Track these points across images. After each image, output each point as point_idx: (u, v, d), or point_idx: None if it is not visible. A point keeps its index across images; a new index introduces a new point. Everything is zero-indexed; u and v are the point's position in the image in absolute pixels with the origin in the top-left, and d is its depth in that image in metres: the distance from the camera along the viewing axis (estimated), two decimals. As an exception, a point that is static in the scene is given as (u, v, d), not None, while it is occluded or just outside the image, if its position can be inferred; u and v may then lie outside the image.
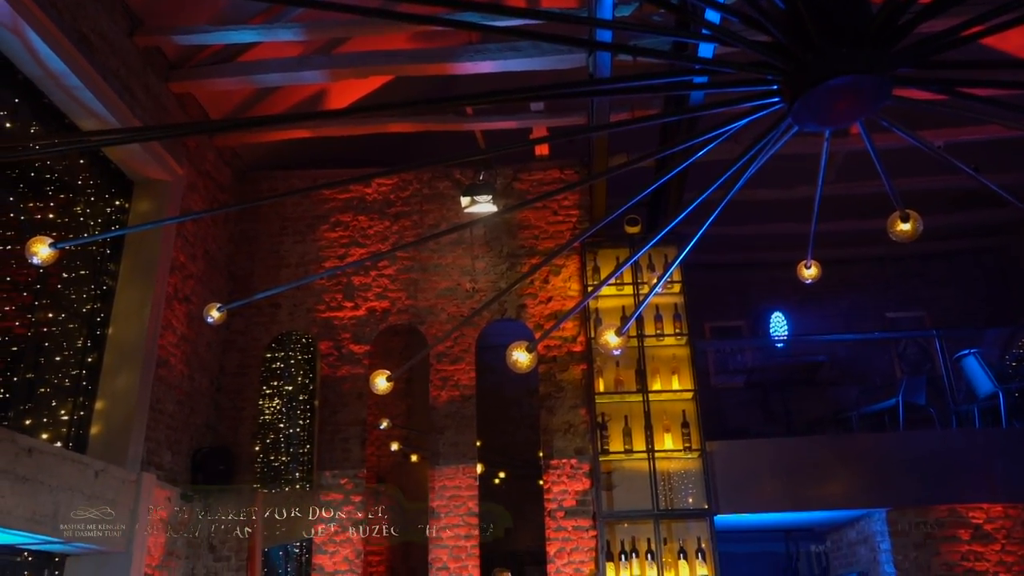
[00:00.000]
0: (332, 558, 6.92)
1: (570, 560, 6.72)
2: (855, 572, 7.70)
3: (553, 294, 7.60)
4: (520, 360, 3.31)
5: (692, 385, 7.09)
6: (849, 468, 6.93)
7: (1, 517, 4.53)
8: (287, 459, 7.50)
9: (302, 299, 7.75)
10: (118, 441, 5.95)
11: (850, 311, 9.88)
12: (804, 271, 4.10)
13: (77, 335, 6.09)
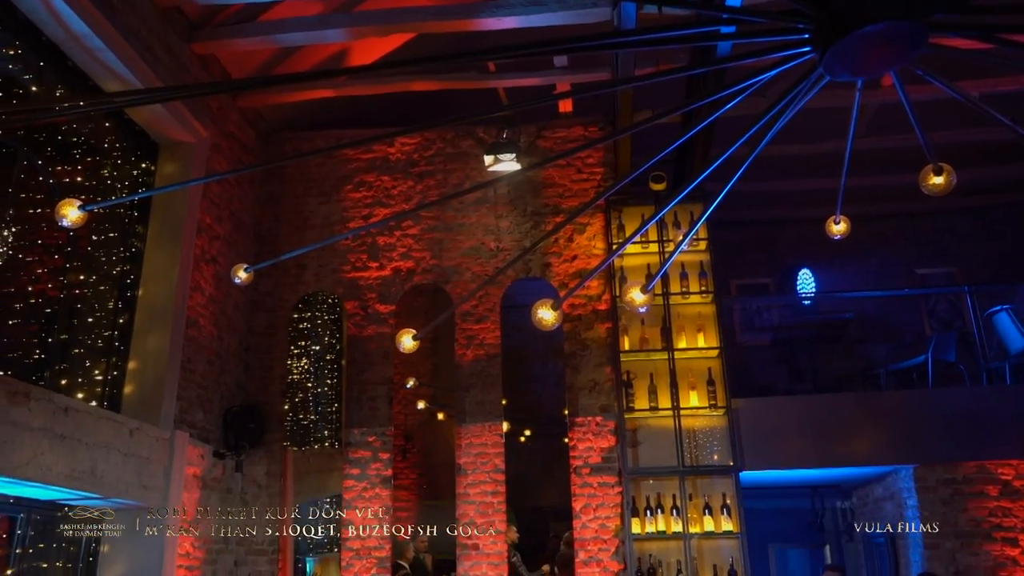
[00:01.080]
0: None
1: (596, 515, 6.80)
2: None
3: (578, 252, 7.57)
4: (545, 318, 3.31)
5: (718, 343, 7.06)
6: (876, 425, 6.90)
7: (41, 473, 4.66)
8: (316, 417, 7.63)
9: (327, 260, 7.79)
10: (151, 400, 6.07)
11: (879, 268, 9.74)
12: (833, 227, 4.04)
13: (108, 297, 6.18)
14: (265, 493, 7.23)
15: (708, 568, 6.51)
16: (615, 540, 6.71)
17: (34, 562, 5.28)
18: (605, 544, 6.72)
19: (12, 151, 5.35)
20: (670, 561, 6.57)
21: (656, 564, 6.56)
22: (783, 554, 8.85)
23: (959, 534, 6.69)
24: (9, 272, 5.35)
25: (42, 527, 5.39)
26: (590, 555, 6.71)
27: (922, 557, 6.75)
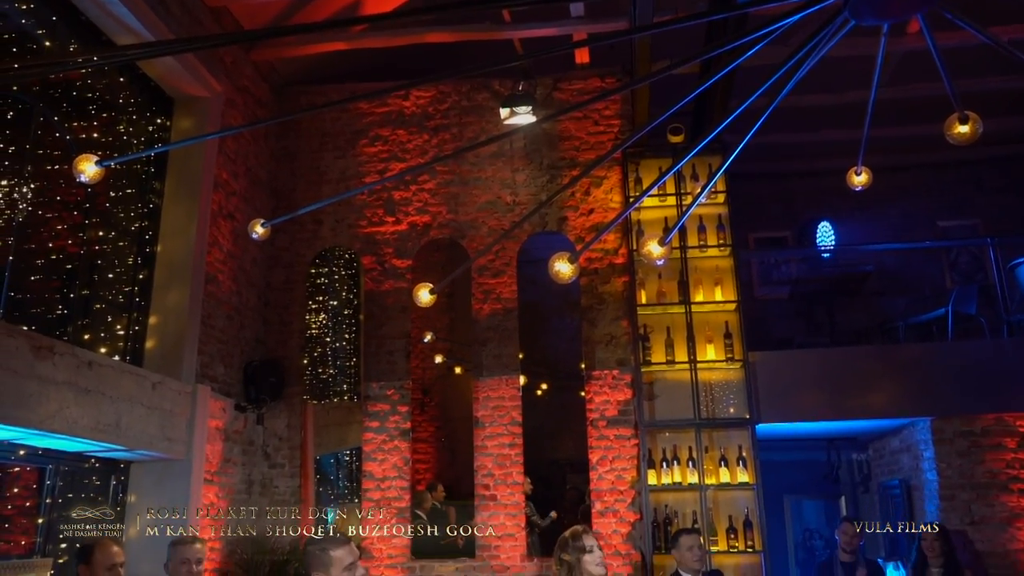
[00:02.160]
0: (381, 465, 7.16)
1: (612, 467, 6.87)
2: (897, 480, 7.75)
3: (594, 206, 7.53)
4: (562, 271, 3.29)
5: (735, 296, 7.04)
6: (894, 378, 6.88)
7: (68, 426, 4.75)
8: (334, 372, 7.72)
9: (344, 214, 7.80)
10: (172, 354, 6.16)
11: (900, 220, 9.61)
12: (854, 178, 3.97)
13: (127, 252, 6.23)
14: (286, 445, 7.35)
15: (724, 519, 6.58)
16: (631, 491, 6.79)
17: (64, 511, 5.42)
18: (621, 495, 6.80)
19: (28, 107, 5.35)
20: (686, 512, 6.64)
21: (672, 515, 6.64)
22: (798, 505, 8.93)
23: (975, 485, 6.71)
24: (29, 229, 5.39)
25: (70, 478, 5.52)
26: (606, 506, 6.80)
27: (937, 508, 6.79)
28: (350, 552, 3.05)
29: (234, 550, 6.63)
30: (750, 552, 6.43)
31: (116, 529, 5.80)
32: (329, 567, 3.00)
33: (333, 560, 3.01)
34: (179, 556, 4.33)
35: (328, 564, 3.00)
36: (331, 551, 3.02)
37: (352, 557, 3.04)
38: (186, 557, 4.32)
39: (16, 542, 5.12)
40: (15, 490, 5.26)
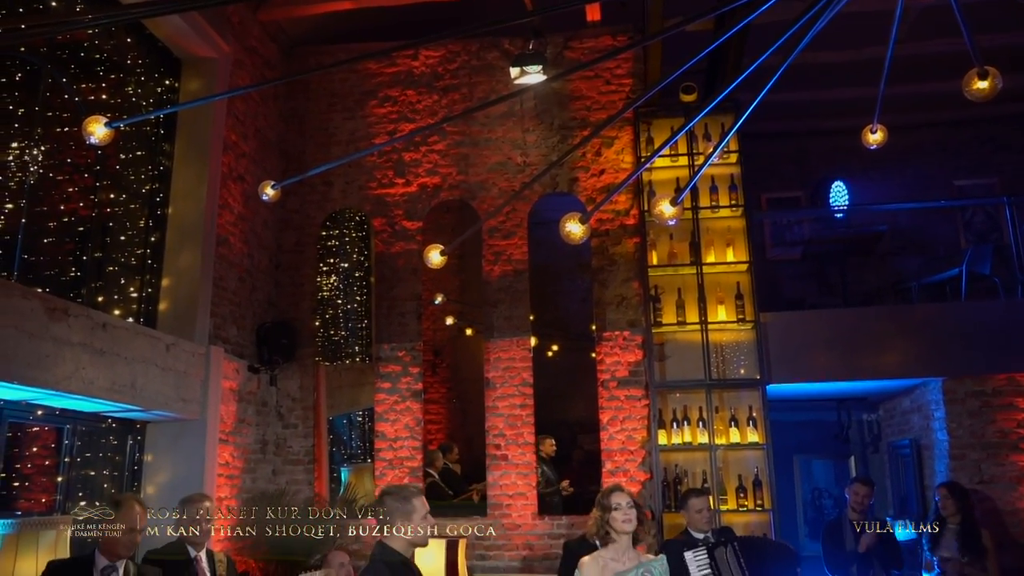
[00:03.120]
0: (393, 426, 7.23)
1: (623, 427, 6.91)
2: (907, 439, 7.77)
3: (606, 167, 7.47)
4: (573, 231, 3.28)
5: (747, 257, 7.00)
6: (906, 338, 6.85)
7: (85, 386, 4.82)
8: (346, 334, 7.76)
9: (354, 176, 7.77)
10: (186, 316, 6.20)
11: (915, 179, 9.49)
12: (869, 136, 3.92)
13: (139, 215, 6.25)
14: (299, 406, 7.43)
15: (733, 478, 6.63)
16: (641, 451, 6.84)
17: (82, 471, 5.52)
18: (632, 455, 6.85)
19: (36, 69, 5.33)
20: (695, 471, 6.69)
21: (682, 474, 6.70)
22: (808, 465, 8.97)
23: (986, 445, 6.72)
24: (41, 191, 5.41)
25: (88, 438, 5.61)
26: (617, 465, 6.86)
27: (947, 467, 6.81)
28: (425, 502, 3.32)
29: (250, 508, 6.73)
30: (759, 510, 6.49)
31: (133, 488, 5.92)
32: (412, 515, 3.22)
33: (415, 508, 3.22)
34: (190, 514, 4.44)
35: (411, 512, 3.21)
36: (412, 500, 3.23)
37: (426, 508, 3.31)
38: (194, 515, 4.43)
39: (37, 500, 5.22)
40: (35, 450, 5.35)
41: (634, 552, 3.75)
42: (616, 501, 3.74)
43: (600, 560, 3.73)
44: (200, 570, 4.40)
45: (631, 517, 3.71)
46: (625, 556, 3.70)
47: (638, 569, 3.63)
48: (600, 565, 3.70)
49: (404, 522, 3.25)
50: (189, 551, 4.42)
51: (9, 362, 4.26)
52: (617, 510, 3.73)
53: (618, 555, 3.71)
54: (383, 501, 3.33)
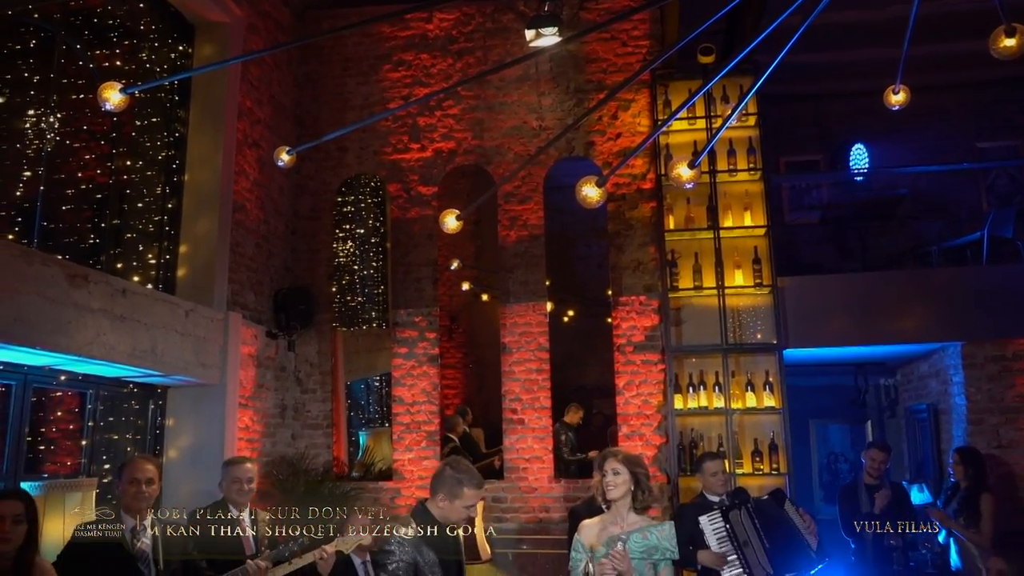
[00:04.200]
0: (411, 390, 7.29)
1: (638, 392, 6.93)
2: (924, 404, 7.75)
3: (622, 130, 7.40)
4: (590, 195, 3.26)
5: (765, 221, 6.94)
6: (925, 302, 6.80)
7: (106, 352, 4.88)
8: (363, 299, 7.79)
9: (369, 142, 7.74)
10: (203, 283, 6.24)
11: (937, 141, 9.33)
12: (892, 97, 3.85)
13: (155, 182, 6.27)
14: (317, 371, 7.49)
15: (749, 442, 6.64)
16: (657, 416, 6.86)
17: (105, 434, 5.61)
18: (648, 419, 6.88)
19: (50, 35, 5.32)
20: (711, 435, 6.71)
21: (698, 438, 6.72)
22: (824, 429, 8.97)
23: (1004, 409, 6.69)
24: (58, 159, 5.43)
25: (110, 402, 5.69)
26: (633, 429, 6.89)
27: (964, 432, 6.79)
28: (479, 495, 3.36)
29: (270, 471, 6.84)
30: (775, 474, 6.51)
31: (155, 452, 6.02)
32: (455, 500, 3.31)
33: (464, 495, 3.31)
34: (231, 475, 4.54)
35: (458, 495, 3.31)
36: (466, 487, 3.30)
37: (477, 499, 3.36)
38: (238, 476, 4.53)
39: (63, 463, 5.33)
40: (59, 414, 5.44)
41: (636, 517, 3.71)
42: (604, 468, 3.71)
43: (599, 523, 3.74)
44: (243, 528, 4.50)
45: (614, 484, 3.66)
46: (624, 521, 3.71)
47: (632, 534, 3.63)
48: (598, 529, 3.72)
49: (446, 498, 3.31)
50: (232, 511, 4.51)
51: (32, 328, 4.32)
52: (604, 476, 3.70)
53: (616, 519, 3.71)
54: (446, 468, 3.39)
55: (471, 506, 3.32)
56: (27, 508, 3.37)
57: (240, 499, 4.55)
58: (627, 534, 3.62)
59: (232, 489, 4.52)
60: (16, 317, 4.22)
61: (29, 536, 3.36)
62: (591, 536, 3.71)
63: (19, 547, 3.31)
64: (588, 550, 3.67)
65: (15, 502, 3.35)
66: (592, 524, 3.77)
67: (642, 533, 3.62)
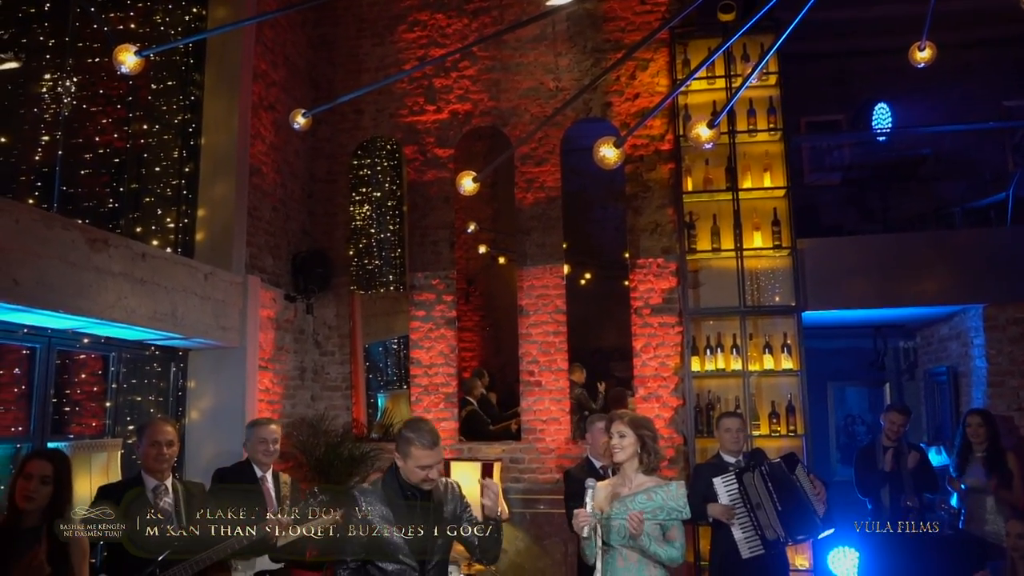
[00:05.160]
0: (428, 353, 7.33)
1: (656, 354, 6.93)
2: (944, 367, 7.70)
3: (640, 90, 7.30)
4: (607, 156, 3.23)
5: (785, 182, 6.86)
6: (947, 264, 6.72)
7: (127, 315, 4.93)
8: (380, 263, 7.81)
9: (384, 104, 7.70)
10: (222, 246, 6.28)
11: (962, 100, 9.12)
12: (917, 54, 3.77)
13: (172, 146, 6.28)
14: (336, 334, 7.55)
15: (766, 404, 6.65)
16: (674, 378, 6.87)
17: (129, 396, 5.70)
18: (664, 381, 6.89)
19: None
20: (728, 397, 6.72)
21: (715, 400, 6.73)
22: (841, 391, 8.96)
23: (1025, 372, 6.64)
24: (75, 123, 5.44)
25: (133, 365, 5.77)
26: (650, 392, 6.91)
27: (984, 394, 6.75)
28: (430, 456, 3.20)
29: (290, 432, 6.93)
30: (792, 436, 6.52)
31: (177, 413, 6.11)
32: (406, 458, 3.20)
33: (411, 455, 3.20)
34: (257, 436, 4.62)
35: (407, 456, 3.21)
36: (412, 448, 3.19)
37: (430, 460, 3.20)
38: (263, 437, 4.61)
39: (88, 424, 5.42)
40: (83, 376, 5.52)
41: (643, 478, 3.74)
42: (611, 431, 3.74)
43: (609, 486, 3.79)
44: (266, 489, 4.59)
45: (620, 446, 3.69)
46: (632, 483, 3.73)
47: (638, 495, 3.65)
48: (608, 491, 3.76)
49: (400, 458, 3.23)
50: (256, 471, 4.59)
51: (54, 292, 4.36)
52: (611, 439, 3.74)
53: (624, 481, 3.74)
54: (403, 427, 3.35)
55: (425, 467, 3.18)
56: (56, 470, 3.43)
57: (265, 460, 4.64)
58: (634, 494, 3.65)
59: (258, 450, 4.61)
60: (39, 281, 4.27)
61: (55, 498, 3.41)
62: (600, 499, 3.74)
63: (43, 508, 3.38)
64: (596, 513, 3.70)
65: (44, 462, 3.42)
66: (602, 487, 3.80)
67: (647, 494, 3.64)
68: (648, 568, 3.64)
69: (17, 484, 3.36)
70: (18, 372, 4.89)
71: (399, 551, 3.16)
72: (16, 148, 4.95)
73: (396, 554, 3.16)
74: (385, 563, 3.16)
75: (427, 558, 3.21)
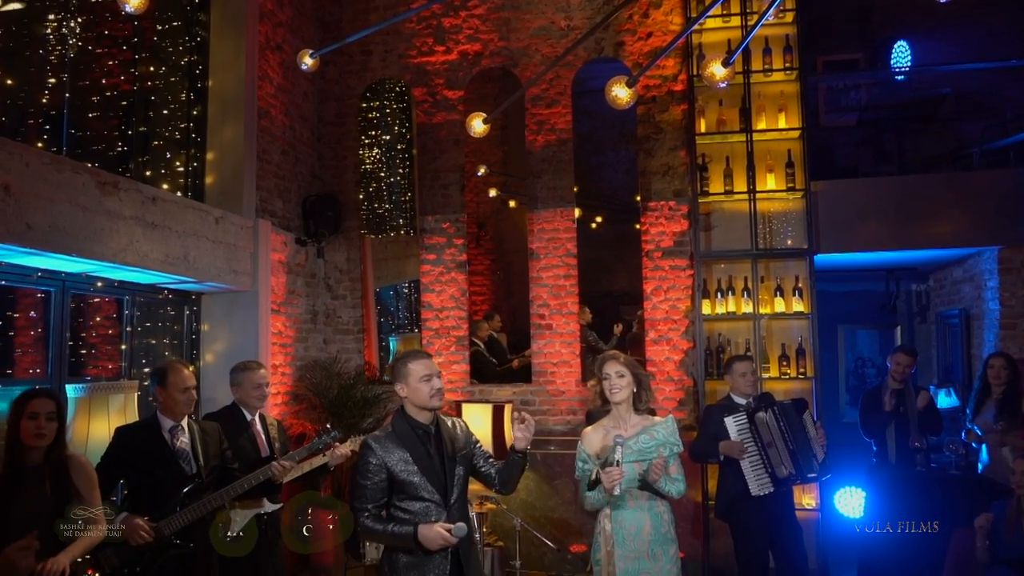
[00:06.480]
0: (439, 296, 7.36)
1: (666, 297, 6.93)
2: (956, 309, 7.67)
3: (653, 29, 7.14)
4: (620, 95, 3.18)
5: (800, 123, 6.74)
6: (963, 206, 6.64)
7: (140, 259, 4.95)
8: (390, 206, 7.78)
9: (393, 44, 7.58)
10: (232, 190, 6.27)
11: (986, 37, 8.87)
12: (939, -13, 3.67)
13: (180, 88, 6.22)
14: (347, 278, 7.58)
15: (777, 347, 6.66)
16: (685, 321, 6.88)
17: (144, 339, 5.76)
18: (675, 324, 6.90)
19: (65, -65, 5.19)
20: (739, 341, 6.73)
21: (725, 343, 6.75)
22: (852, 334, 8.97)
23: (1039, 314, 6.60)
24: (82, 65, 5.38)
25: (147, 308, 5.82)
26: (660, 335, 6.93)
27: (996, 337, 6.74)
28: (426, 365, 3.28)
29: (303, 375, 7.02)
30: (801, 378, 6.55)
31: (192, 356, 6.18)
32: (407, 377, 3.25)
33: (409, 371, 3.25)
34: (251, 380, 4.63)
35: (406, 375, 3.25)
36: (408, 363, 3.25)
37: (427, 370, 3.28)
38: (258, 381, 4.64)
39: (104, 367, 5.50)
40: (98, 319, 5.58)
41: (638, 418, 3.78)
42: (606, 371, 3.75)
43: (602, 429, 3.80)
44: (256, 432, 4.65)
45: (618, 386, 3.72)
46: (627, 423, 3.76)
47: (640, 434, 3.69)
48: (602, 434, 3.78)
49: (403, 385, 3.30)
50: (245, 415, 4.64)
51: (67, 235, 4.38)
52: (606, 380, 3.74)
53: (619, 422, 3.77)
54: (391, 363, 3.43)
55: (427, 377, 3.27)
56: (58, 407, 3.52)
57: (259, 403, 4.68)
58: (635, 435, 3.68)
59: (253, 394, 4.63)
60: (51, 224, 4.28)
61: (59, 434, 3.52)
62: (595, 443, 3.77)
63: (50, 444, 3.47)
64: (594, 458, 3.74)
65: (47, 400, 3.50)
66: (594, 431, 3.82)
67: (648, 434, 3.69)
68: (656, 505, 3.72)
69: (22, 424, 3.42)
70: (34, 315, 4.94)
71: (421, 490, 3.24)
72: (23, 91, 4.91)
73: (419, 492, 3.24)
74: (409, 503, 3.25)
75: (448, 493, 3.29)
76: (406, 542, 3.17)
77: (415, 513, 3.23)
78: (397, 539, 3.19)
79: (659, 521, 3.70)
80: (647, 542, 3.66)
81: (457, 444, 3.40)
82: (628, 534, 3.66)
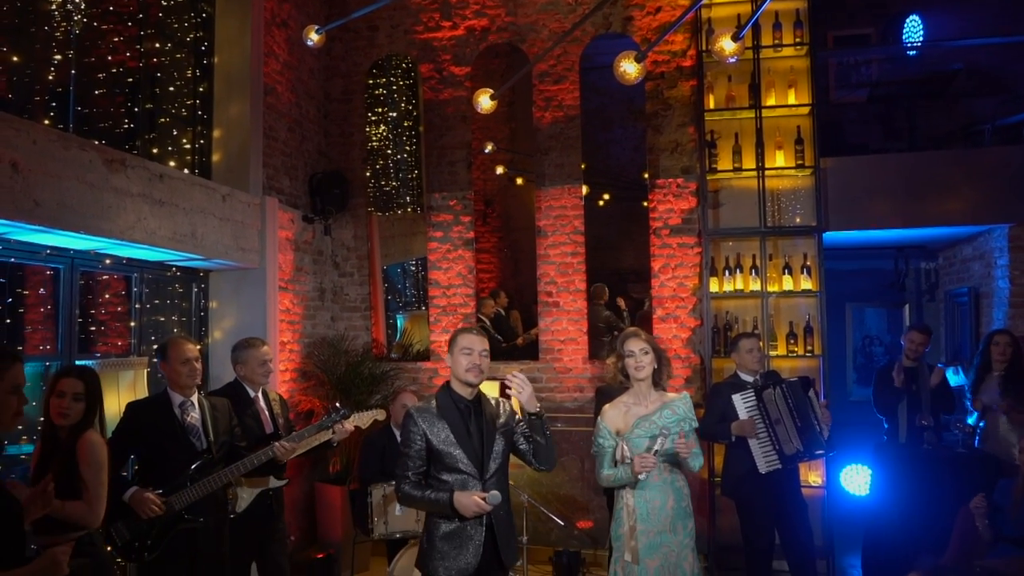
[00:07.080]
0: (446, 273, 7.36)
1: (674, 275, 6.92)
2: (965, 287, 7.64)
3: (662, 3, 7.07)
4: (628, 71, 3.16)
5: (810, 100, 6.67)
6: (973, 183, 6.58)
7: (148, 236, 4.96)
8: (397, 184, 7.77)
9: (400, 20, 7.52)
10: (239, 167, 6.26)
11: (1000, 11, 8.73)
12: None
13: (185, 65, 6.19)
14: (354, 255, 7.58)
15: (784, 325, 6.65)
16: (692, 299, 6.87)
17: (152, 316, 5.79)
18: (683, 302, 6.89)
19: (69, -91, 5.15)
20: (746, 318, 6.72)
21: (732, 321, 6.74)
22: (860, 312, 8.93)
23: (1049, 293, 6.57)
24: (87, 42, 5.36)
25: (155, 285, 5.84)
26: (667, 312, 6.92)
27: (1005, 315, 6.71)
28: (470, 340, 3.43)
29: (311, 352, 7.05)
30: (809, 356, 6.54)
31: (201, 333, 6.21)
32: (452, 347, 3.45)
33: (456, 342, 3.43)
34: (255, 357, 4.65)
35: (453, 345, 3.45)
36: (458, 336, 3.43)
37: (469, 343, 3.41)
38: (262, 358, 4.66)
39: (113, 344, 5.53)
40: (107, 297, 5.60)
41: (656, 394, 3.81)
42: (629, 348, 3.78)
43: (622, 406, 3.83)
44: (260, 408, 4.68)
45: (643, 363, 3.75)
46: (647, 400, 3.79)
47: (662, 410, 3.72)
48: (623, 411, 3.81)
49: (449, 355, 3.46)
50: (248, 391, 4.67)
51: (74, 212, 4.39)
52: (630, 357, 3.76)
53: (639, 399, 3.80)
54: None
55: (469, 350, 3.40)
56: (87, 387, 3.52)
57: (263, 380, 4.70)
58: (658, 411, 3.72)
59: (258, 371, 4.65)
60: (59, 202, 4.29)
61: (87, 414, 3.51)
62: (616, 420, 3.80)
63: (74, 424, 3.47)
64: (614, 435, 3.77)
65: (76, 380, 3.50)
66: (613, 408, 3.85)
67: (670, 409, 3.74)
68: (677, 479, 3.78)
69: (51, 402, 3.45)
70: (43, 292, 4.96)
71: (458, 461, 3.36)
72: (29, 68, 4.90)
73: (456, 464, 3.35)
74: (446, 474, 3.36)
75: (485, 467, 3.39)
76: (442, 508, 3.30)
77: (451, 484, 3.35)
78: (434, 505, 3.33)
79: (680, 496, 3.77)
80: (670, 516, 3.71)
81: (498, 420, 3.51)
82: (653, 509, 3.70)
